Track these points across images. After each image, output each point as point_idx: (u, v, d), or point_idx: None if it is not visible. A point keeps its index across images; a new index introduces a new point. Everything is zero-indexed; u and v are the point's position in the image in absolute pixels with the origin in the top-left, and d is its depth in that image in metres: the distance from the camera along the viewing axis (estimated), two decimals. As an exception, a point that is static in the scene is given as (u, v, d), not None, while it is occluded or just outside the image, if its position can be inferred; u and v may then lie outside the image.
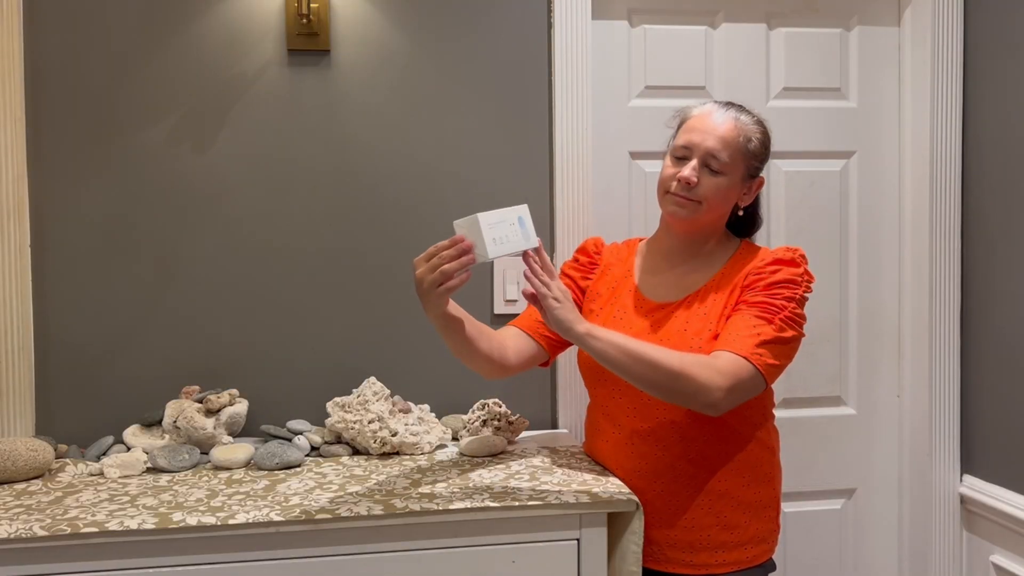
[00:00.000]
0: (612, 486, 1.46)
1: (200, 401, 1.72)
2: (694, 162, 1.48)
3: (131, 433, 1.72)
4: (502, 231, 1.35)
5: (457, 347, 1.44)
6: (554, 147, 1.93)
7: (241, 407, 1.73)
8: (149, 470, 1.62)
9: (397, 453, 1.71)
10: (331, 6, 1.85)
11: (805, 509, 2.12)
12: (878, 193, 2.12)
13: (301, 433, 1.75)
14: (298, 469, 1.61)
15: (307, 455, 1.71)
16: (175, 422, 1.70)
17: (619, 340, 1.35)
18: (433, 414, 1.83)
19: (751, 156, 1.50)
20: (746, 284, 1.47)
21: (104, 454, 1.68)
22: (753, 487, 1.51)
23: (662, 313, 1.52)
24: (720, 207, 1.51)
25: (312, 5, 1.81)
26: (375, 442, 1.68)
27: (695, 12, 2.03)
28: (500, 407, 1.78)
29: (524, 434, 1.88)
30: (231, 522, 1.32)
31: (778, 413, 1.75)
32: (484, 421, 1.75)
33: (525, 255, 1.37)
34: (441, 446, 1.77)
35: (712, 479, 1.49)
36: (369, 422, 1.68)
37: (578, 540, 1.43)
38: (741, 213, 1.56)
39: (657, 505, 1.50)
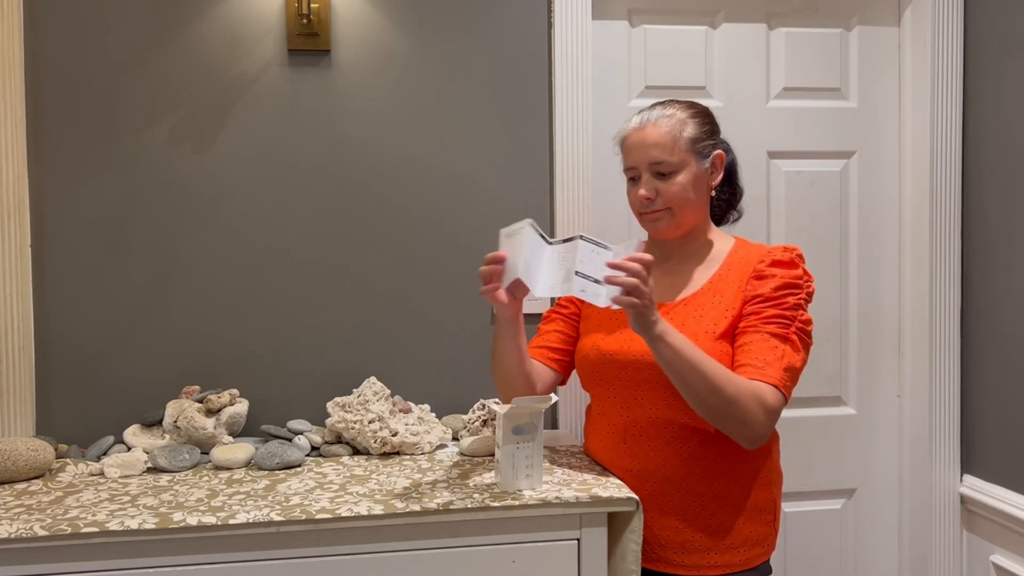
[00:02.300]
0: (612, 486, 1.46)
1: (200, 401, 1.72)
2: (644, 177, 1.51)
3: (131, 433, 1.72)
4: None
5: (506, 353, 1.52)
6: (554, 147, 1.93)
7: (241, 407, 1.73)
8: (149, 470, 1.62)
9: (397, 453, 1.71)
10: (331, 6, 1.85)
11: (805, 509, 2.12)
12: (878, 193, 2.12)
13: (301, 433, 1.75)
14: (298, 469, 1.62)
15: (307, 455, 1.71)
16: (175, 422, 1.70)
17: (691, 348, 1.36)
18: (433, 414, 1.83)
19: (693, 142, 1.50)
20: (749, 294, 1.46)
21: (104, 454, 1.68)
22: (749, 490, 1.50)
23: (659, 312, 1.52)
24: (693, 203, 1.51)
25: (312, 5, 1.82)
26: (375, 442, 1.68)
27: (695, 12, 2.03)
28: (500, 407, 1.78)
29: (524, 434, 1.88)
30: (231, 522, 1.32)
31: (778, 413, 1.76)
32: (484, 421, 1.75)
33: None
34: (441, 446, 1.77)
35: (705, 481, 1.48)
36: (369, 422, 1.68)
37: (578, 540, 1.43)
38: (714, 194, 1.57)
39: (648, 505, 1.50)
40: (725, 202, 1.63)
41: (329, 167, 1.88)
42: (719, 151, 1.54)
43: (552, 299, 1.94)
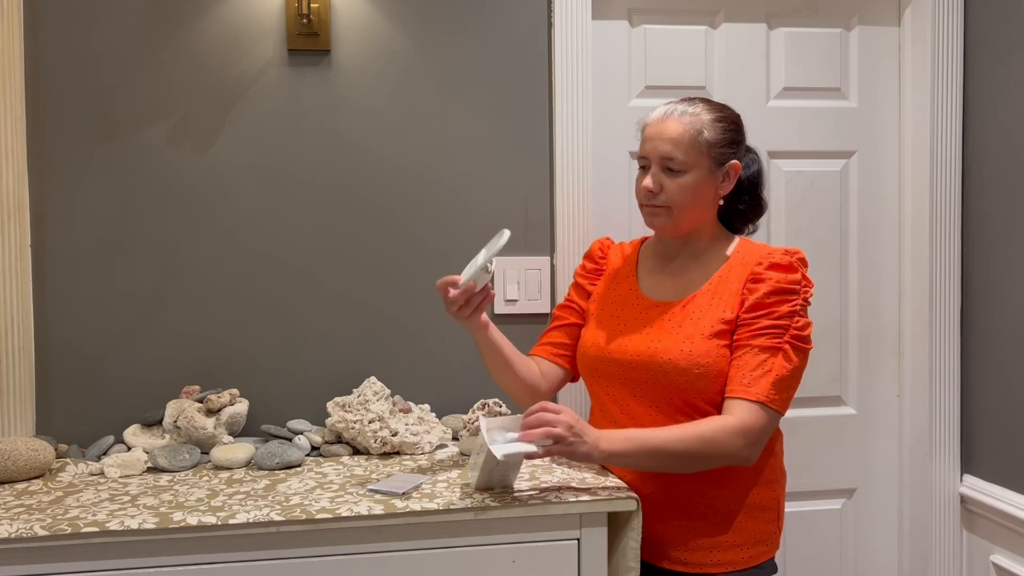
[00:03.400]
0: (612, 485, 1.46)
1: (201, 401, 1.72)
2: (653, 169, 1.49)
3: (131, 433, 1.72)
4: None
5: (491, 365, 1.58)
6: (554, 147, 1.93)
7: (241, 407, 1.73)
8: (149, 470, 1.62)
9: (397, 453, 1.71)
10: (331, 6, 1.85)
11: (805, 509, 2.12)
12: (878, 193, 2.12)
13: (301, 433, 1.75)
14: (298, 469, 1.62)
15: (307, 455, 1.71)
16: (175, 422, 1.70)
17: (639, 444, 1.39)
18: (433, 414, 1.83)
19: (710, 146, 1.47)
20: (746, 302, 1.46)
21: (104, 454, 1.68)
22: (752, 489, 1.50)
23: (656, 311, 1.53)
24: (695, 206, 1.50)
25: (312, 5, 1.81)
26: (375, 442, 1.68)
27: (695, 12, 2.03)
28: (500, 407, 1.78)
29: (524, 434, 1.88)
30: (231, 522, 1.32)
31: (778, 413, 1.76)
32: (484, 421, 1.75)
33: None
34: (441, 446, 1.77)
35: (708, 479, 1.48)
36: (369, 422, 1.68)
37: (578, 540, 1.43)
38: (722, 203, 1.54)
39: (652, 502, 1.50)
40: (743, 214, 1.60)
41: (329, 167, 1.88)
42: (735, 161, 1.51)
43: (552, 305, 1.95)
